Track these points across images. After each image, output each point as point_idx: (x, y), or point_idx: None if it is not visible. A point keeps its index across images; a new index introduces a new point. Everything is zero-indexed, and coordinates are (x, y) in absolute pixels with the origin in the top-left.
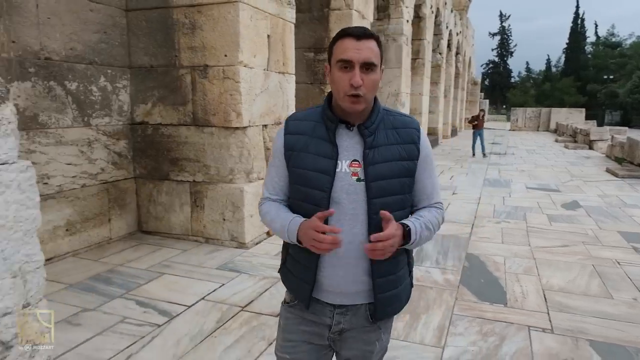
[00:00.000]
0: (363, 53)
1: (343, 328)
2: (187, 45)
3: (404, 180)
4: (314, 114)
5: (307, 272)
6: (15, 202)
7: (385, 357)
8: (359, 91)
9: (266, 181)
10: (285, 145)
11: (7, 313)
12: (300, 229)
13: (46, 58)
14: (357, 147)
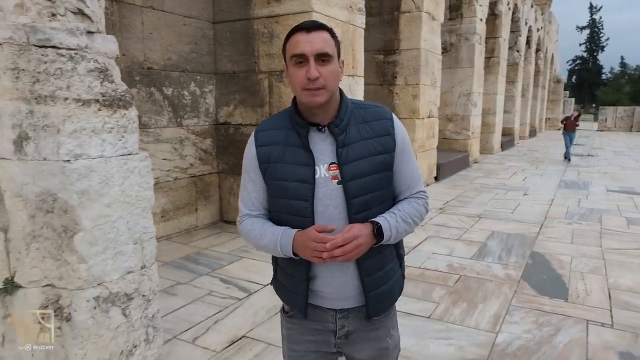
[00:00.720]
0: (315, 44)
1: (348, 331)
2: (265, 52)
3: (382, 174)
4: (282, 120)
5: (299, 283)
6: (136, 185)
7: (440, 335)
8: (317, 83)
9: (243, 197)
10: (258, 158)
11: (130, 272)
12: (296, 241)
13: (148, 68)
14: (331, 147)
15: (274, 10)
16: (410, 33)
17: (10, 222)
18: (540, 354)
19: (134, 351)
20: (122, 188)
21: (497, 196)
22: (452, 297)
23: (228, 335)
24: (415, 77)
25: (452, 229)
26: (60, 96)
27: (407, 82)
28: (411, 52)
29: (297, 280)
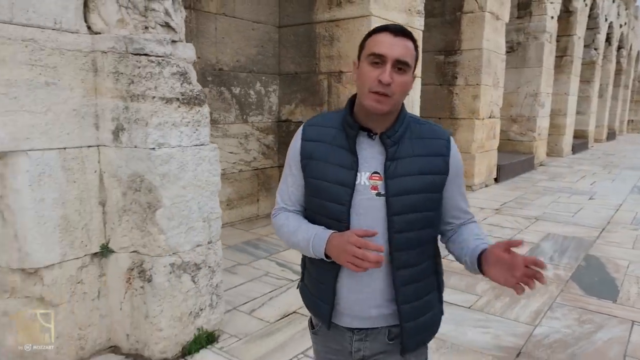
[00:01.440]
0: (398, 50)
1: (364, 355)
2: (325, 54)
3: (429, 195)
4: (334, 119)
5: (326, 291)
6: (206, 171)
7: (478, 324)
8: (387, 90)
9: (281, 190)
10: (302, 153)
11: (199, 245)
12: (331, 242)
13: (219, 69)
14: (379, 157)
15: (335, 14)
16: (472, 33)
17: (107, 198)
18: (577, 347)
19: (200, 313)
20: (195, 173)
21: (560, 199)
22: (495, 291)
23: (280, 310)
24: (476, 78)
25: (506, 229)
26: (149, 95)
27: (467, 83)
28: (472, 52)
29: (323, 287)
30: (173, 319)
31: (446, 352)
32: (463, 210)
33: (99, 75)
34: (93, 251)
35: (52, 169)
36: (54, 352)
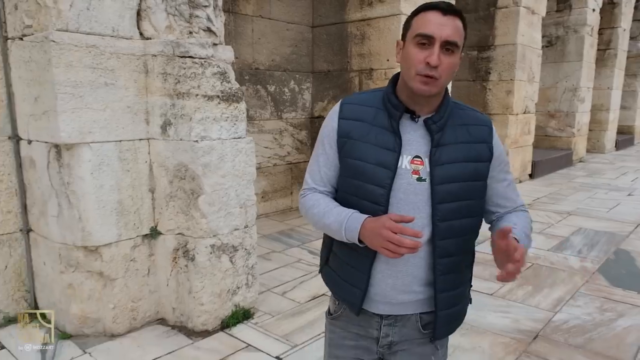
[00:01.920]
0: (447, 30)
1: (392, 341)
2: (357, 52)
3: (473, 184)
4: (374, 98)
5: (359, 276)
6: (243, 162)
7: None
8: (434, 72)
9: (312, 169)
10: (339, 131)
11: (237, 229)
12: (365, 227)
13: (256, 68)
14: (421, 141)
15: (366, 14)
16: (507, 28)
17: (156, 185)
18: (595, 332)
19: (237, 291)
20: (233, 164)
21: (596, 195)
22: (519, 281)
23: (310, 292)
24: (510, 73)
25: (536, 223)
26: (193, 93)
27: (500, 78)
28: (506, 47)
29: (357, 272)
30: (213, 295)
31: (465, 332)
32: (510, 199)
33: (149, 75)
34: (144, 233)
35: (109, 159)
36: (111, 321)
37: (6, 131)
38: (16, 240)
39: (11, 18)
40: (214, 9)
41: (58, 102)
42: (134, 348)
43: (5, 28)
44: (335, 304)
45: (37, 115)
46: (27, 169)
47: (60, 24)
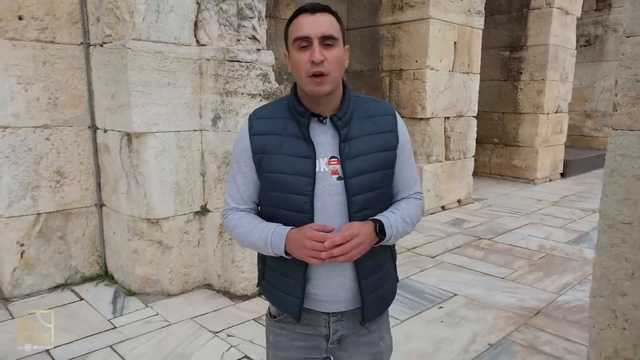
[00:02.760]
0: (320, 27)
1: (342, 335)
2: (387, 54)
3: (384, 172)
4: (279, 109)
5: (294, 285)
6: None
7: (507, 290)
8: (322, 68)
9: (230, 189)
10: (252, 149)
11: None
12: (289, 239)
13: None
14: (333, 141)
15: (397, 18)
16: (539, 29)
17: (206, 170)
18: None
19: None
20: None
21: None
22: (531, 268)
23: None
24: (542, 73)
25: (559, 219)
26: (239, 91)
27: (532, 78)
28: (538, 48)
29: (291, 282)
30: (252, 264)
31: (473, 307)
32: (407, 186)
33: (203, 76)
34: (195, 210)
35: (170, 147)
36: (168, 282)
37: (86, 122)
38: (92, 213)
39: (93, 29)
40: (258, 19)
41: (131, 98)
42: (187, 305)
43: (88, 37)
44: (277, 308)
45: (112, 109)
46: (102, 154)
47: (134, 34)
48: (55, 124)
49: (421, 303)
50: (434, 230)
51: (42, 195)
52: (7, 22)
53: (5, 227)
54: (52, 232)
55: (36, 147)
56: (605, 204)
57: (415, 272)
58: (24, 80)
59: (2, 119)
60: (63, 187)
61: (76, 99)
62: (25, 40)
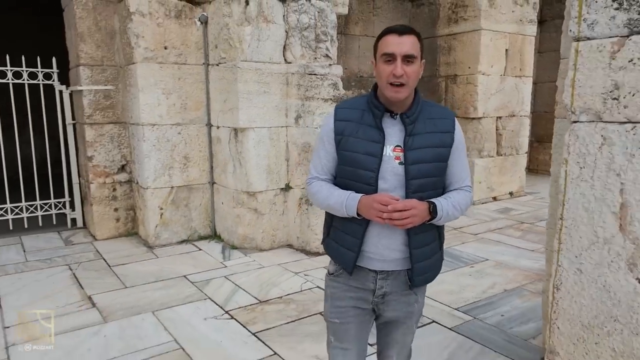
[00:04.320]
0: (404, 47)
1: (385, 292)
2: (444, 61)
3: (438, 164)
4: (360, 103)
5: (353, 241)
6: None
7: (532, 257)
8: (401, 80)
9: (314, 162)
10: (335, 131)
11: None
12: (361, 202)
13: (360, 76)
14: (400, 134)
15: (452, 30)
16: None
17: (289, 156)
18: None
19: None
20: None
21: None
22: None
23: None
24: None
25: None
26: (315, 97)
27: None
28: None
29: (351, 238)
30: None
31: (499, 268)
32: (458, 179)
33: (289, 86)
34: (281, 187)
35: (264, 138)
36: (260, 240)
37: (204, 121)
38: (206, 188)
39: (212, 53)
40: (331, 42)
41: (239, 103)
42: (274, 256)
43: (208, 59)
44: (335, 265)
45: (224, 111)
46: (214, 144)
47: (242, 57)
48: (184, 122)
49: (457, 263)
50: (482, 215)
51: (174, 173)
52: (157, 51)
53: (151, 195)
54: (180, 201)
55: (172, 138)
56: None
57: (457, 244)
58: (166, 91)
59: (152, 118)
60: (188, 168)
61: (198, 104)
62: (168, 63)
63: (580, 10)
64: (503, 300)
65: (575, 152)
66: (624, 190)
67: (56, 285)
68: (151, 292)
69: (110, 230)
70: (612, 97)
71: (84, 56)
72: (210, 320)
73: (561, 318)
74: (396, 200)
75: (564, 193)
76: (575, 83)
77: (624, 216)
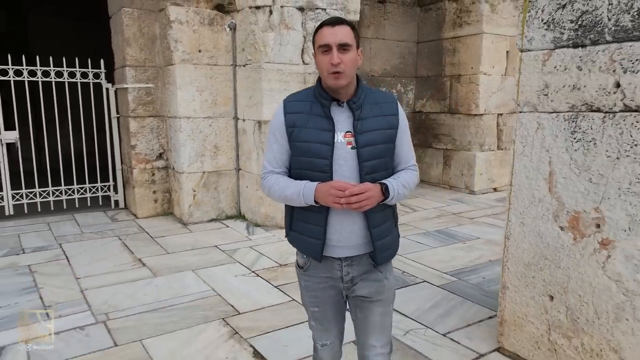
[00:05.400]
0: (337, 36)
1: (353, 277)
2: (449, 62)
3: (387, 145)
4: (307, 95)
5: (317, 229)
6: None
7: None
8: (339, 68)
9: (268, 156)
10: (286, 124)
11: None
12: (318, 190)
13: (371, 75)
14: (348, 120)
15: (457, 33)
16: None
17: None
18: None
19: None
20: None
21: None
22: None
23: None
24: None
25: None
26: None
27: None
28: None
29: (315, 227)
30: None
31: (488, 244)
32: (405, 159)
33: (306, 84)
34: None
35: None
36: (280, 219)
37: (232, 114)
38: (232, 174)
39: (239, 55)
40: None
41: (263, 99)
42: None
43: (235, 61)
44: (303, 257)
45: (249, 106)
46: (240, 135)
47: (266, 59)
48: (214, 116)
49: (451, 241)
50: (481, 204)
51: (205, 160)
52: (193, 54)
53: (186, 178)
54: (210, 184)
55: (204, 130)
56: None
57: (454, 225)
58: (199, 88)
59: (188, 112)
60: (217, 156)
61: (227, 100)
62: (201, 65)
63: (523, 29)
64: (486, 268)
65: (520, 134)
66: (551, 162)
67: (111, 251)
68: (189, 257)
69: (149, 209)
70: (543, 93)
71: (129, 58)
72: (240, 277)
73: (510, 260)
74: (352, 185)
75: (512, 165)
76: (520, 83)
77: (551, 181)
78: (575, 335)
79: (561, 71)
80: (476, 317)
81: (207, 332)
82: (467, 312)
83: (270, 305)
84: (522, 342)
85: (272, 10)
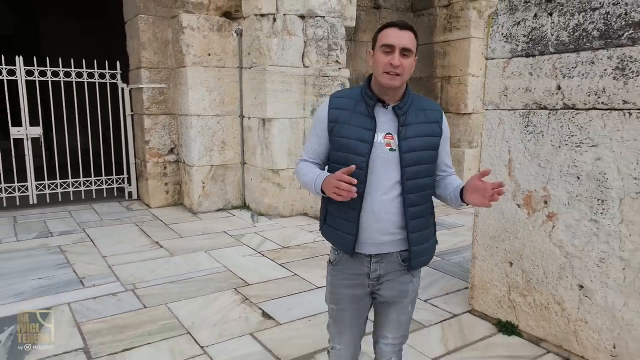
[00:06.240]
0: (403, 40)
1: (380, 274)
2: (440, 65)
3: (429, 152)
4: (354, 93)
5: (350, 225)
6: None
7: None
8: (398, 70)
9: (306, 146)
10: (329, 118)
11: None
12: (325, 181)
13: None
14: (391, 123)
15: (447, 37)
16: None
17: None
18: None
19: None
20: None
21: None
22: None
23: None
24: None
25: None
26: (328, 94)
27: None
28: None
29: (348, 223)
30: None
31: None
32: (449, 166)
33: (306, 86)
34: None
35: (286, 127)
36: (282, 209)
37: (238, 113)
38: (238, 168)
39: (245, 59)
40: (340, 50)
41: (267, 99)
42: (293, 221)
43: (242, 63)
44: (335, 253)
45: (255, 105)
46: (246, 132)
47: (270, 62)
48: (222, 114)
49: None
50: None
51: (214, 155)
52: (203, 57)
53: (196, 171)
54: (218, 177)
55: (213, 127)
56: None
57: (442, 215)
58: (209, 89)
59: (198, 110)
60: (225, 151)
61: (233, 100)
62: (211, 67)
63: (487, 41)
64: (467, 250)
65: (486, 128)
66: (510, 151)
67: (130, 235)
68: (201, 240)
69: (161, 200)
70: (504, 94)
71: (144, 61)
72: (248, 257)
73: (479, 235)
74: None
75: (480, 155)
76: (486, 86)
77: (510, 167)
78: (529, 294)
79: (517, 76)
80: (454, 288)
81: (222, 299)
82: (447, 284)
83: (275, 278)
84: (489, 303)
85: (276, 18)
